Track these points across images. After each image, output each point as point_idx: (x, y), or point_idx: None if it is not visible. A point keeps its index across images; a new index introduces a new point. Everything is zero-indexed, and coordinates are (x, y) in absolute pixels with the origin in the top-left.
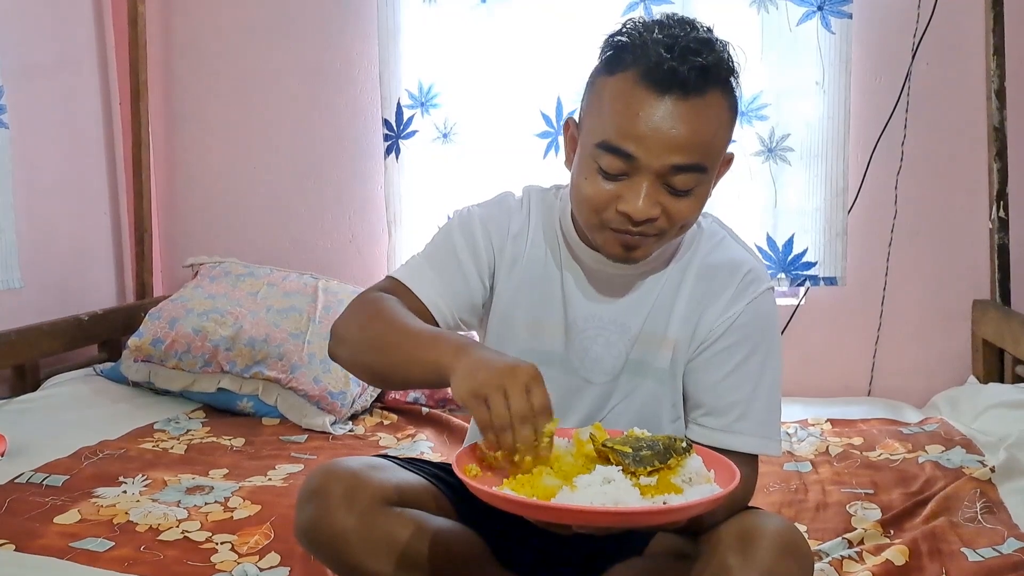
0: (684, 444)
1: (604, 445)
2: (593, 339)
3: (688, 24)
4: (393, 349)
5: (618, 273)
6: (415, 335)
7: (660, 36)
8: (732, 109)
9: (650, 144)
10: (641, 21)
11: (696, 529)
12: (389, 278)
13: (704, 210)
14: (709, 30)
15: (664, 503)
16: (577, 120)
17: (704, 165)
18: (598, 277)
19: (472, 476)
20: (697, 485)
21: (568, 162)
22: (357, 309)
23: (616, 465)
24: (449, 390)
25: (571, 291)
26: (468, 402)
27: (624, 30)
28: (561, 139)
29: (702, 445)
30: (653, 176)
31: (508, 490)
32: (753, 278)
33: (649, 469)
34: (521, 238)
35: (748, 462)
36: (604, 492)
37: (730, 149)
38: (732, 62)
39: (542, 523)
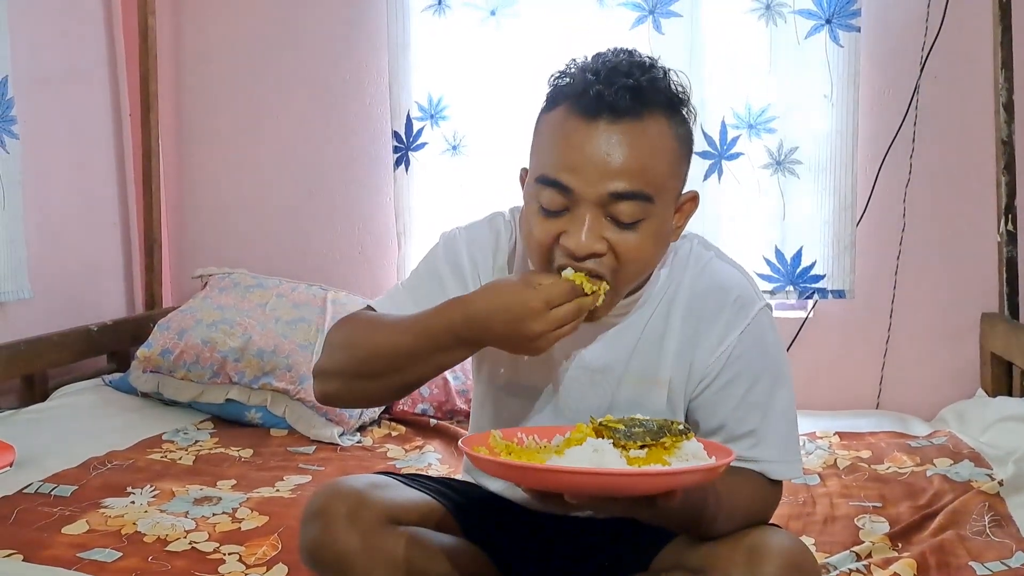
0: (681, 427)
1: (600, 424)
2: (575, 378)
3: (625, 52)
4: (393, 359)
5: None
6: (409, 335)
7: (590, 63)
8: (680, 139)
9: (584, 173)
10: (584, 57)
11: (699, 528)
12: (368, 308)
13: (688, 231)
14: (648, 58)
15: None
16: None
17: (647, 193)
18: None
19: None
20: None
21: None
22: (340, 341)
23: (608, 439)
24: (456, 391)
25: None
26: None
27: (565, 69)
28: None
29: None
30: (594, 207)
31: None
32: (743, 304)
33: (640, 444)
34: (507, 265)
35: (770, 482)
36: (590, 460)
37: (739, 161)
38: (677, 88)
39: (535, 493)
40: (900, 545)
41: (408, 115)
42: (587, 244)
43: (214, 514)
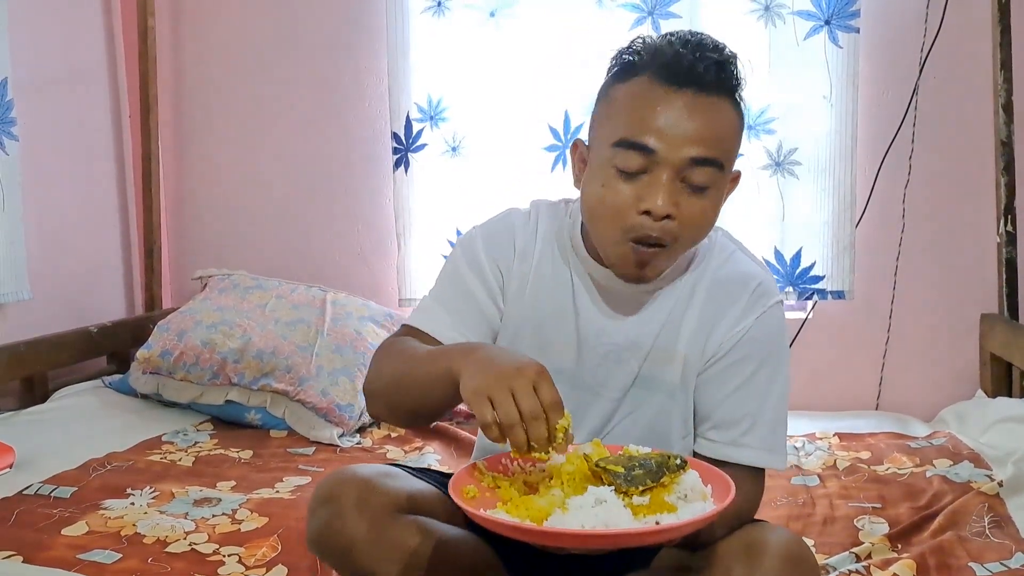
0: (678, 461)
1: (597, 465)
2: (604, 356)
3: (699, 34)
4: (412, 379)
5: (629, 290)
6: (426, 356)
7: (674, 39)
8: (741, 120)
9: (669, 136)
10: (651, 36)
11: (696, 544)
12: (405, 326)
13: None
14: (721, 42)
15: (656, 523)
16: (587, 140)
17: (720, 161)
18: (609, 294)
19: (470, 498)
20: (693, 502)
21: (577, 182)
22: (377, 361)
23: (609, 485)
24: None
25: (584, 307)
26: (472, 401)
27: (634, 45)
28: (568, 153)
29: (708, 459)
30: (672, 171)
31: (502, 513)
32: (763, 292)
33: (642, 488)
34: (528, 255)
35: (754, 475)
36: (595, 514)
37: (738, 163)
38: (741, 75)
39: (537, 544)
40: (900, 546)
41: (408, 116)
42: (665, 207)
43: (214, 515)
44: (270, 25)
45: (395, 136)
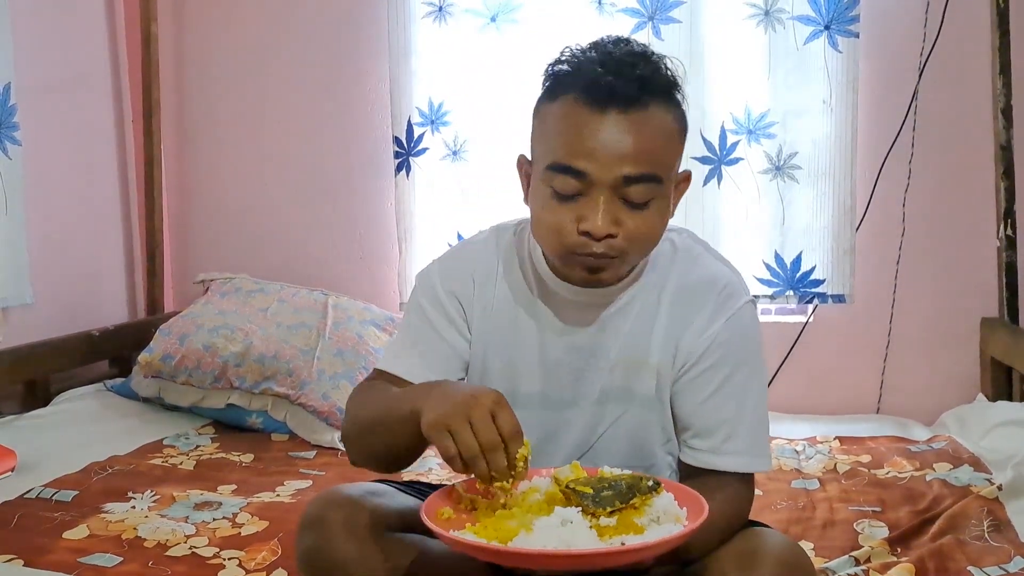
0: (650, 483)
1: (567, 487)
2: (575, 370)
3: (623, 41)
4: (381, 423)
5: (593, 302)
6: (392, 399)
7: (594, 55)
8: (678, 122)
9: (599, 157)
10: (579, 46)
11: (686, 561)
12: (376, 370)
13: (678, 225)
14: (644, 47)
15: (622, 543)
16: (529, 156)
17: (656, 175)
18: (573, 307)
19: (444, 519)
20: (665, 524)
21: (526, 198)
22: (350, 407)
23: (578, 507)
24: None
25: (546, 327)
26: (432, 434)
27: (562, 58)
28: (516, 168)
29: (692, 467)
30: (608, 191)
31: (470, 534)
32: (730, 293)
33: (610, 510)
34: (489, 283)
35: (740, 480)
36: (559, 535)
37: (739, 167)
38: (672, 75)
39: (503, 564)
40: (899, 550)
41: (409, 121)
42: (604, 227)
43: (214, 519)
44: (272, 30)
45: (396, 140)
